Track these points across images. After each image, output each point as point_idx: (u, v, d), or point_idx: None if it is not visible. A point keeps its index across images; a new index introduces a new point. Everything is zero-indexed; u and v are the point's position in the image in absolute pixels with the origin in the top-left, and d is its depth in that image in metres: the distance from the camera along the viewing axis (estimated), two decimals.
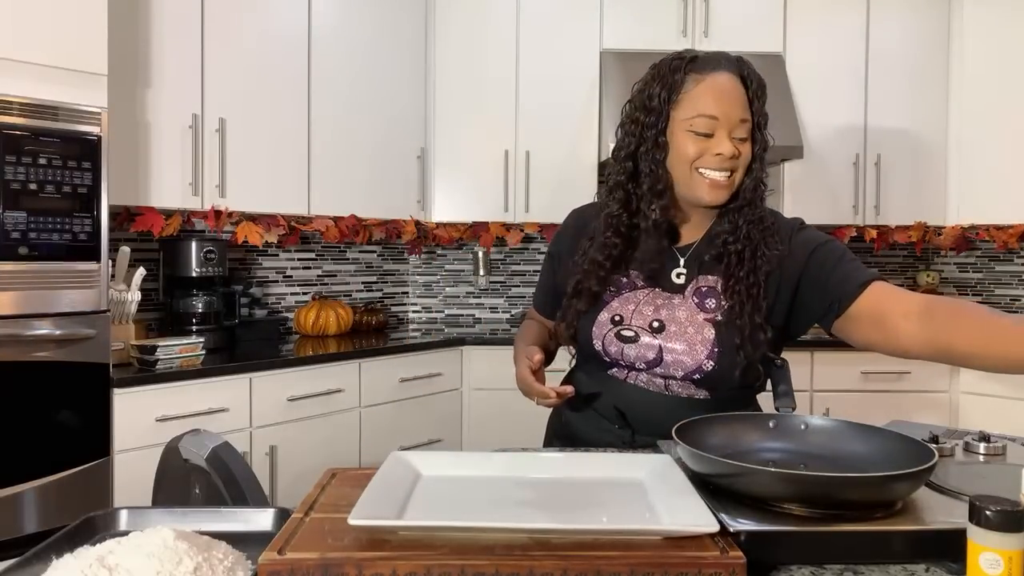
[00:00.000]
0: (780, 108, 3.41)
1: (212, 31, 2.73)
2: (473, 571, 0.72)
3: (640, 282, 1.30)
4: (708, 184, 1.23)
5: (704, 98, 1.21)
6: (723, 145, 1.21)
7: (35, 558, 0.79)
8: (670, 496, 0.88)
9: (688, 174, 1.24)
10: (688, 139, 1.22)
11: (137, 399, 2.27)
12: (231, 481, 1.11)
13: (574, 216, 1.46)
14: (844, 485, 0.83)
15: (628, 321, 1.28)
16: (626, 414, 1.30)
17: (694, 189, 1.24)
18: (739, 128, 1.22)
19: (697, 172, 1.23)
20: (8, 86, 2.03)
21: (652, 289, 1.29)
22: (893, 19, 3.55)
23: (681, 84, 1.24)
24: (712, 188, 1.23)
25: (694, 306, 1.26)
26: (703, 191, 1.23)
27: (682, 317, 1.26)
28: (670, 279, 1.30)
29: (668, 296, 1.28)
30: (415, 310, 3.93)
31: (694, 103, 1.22)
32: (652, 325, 1.26)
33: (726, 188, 1.23)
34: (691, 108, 1.22)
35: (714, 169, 1.22)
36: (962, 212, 3.56)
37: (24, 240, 2.06)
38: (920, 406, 3.21)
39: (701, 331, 1.24)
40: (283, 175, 2.99)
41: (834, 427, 1.05)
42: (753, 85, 1.24)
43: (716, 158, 1.21)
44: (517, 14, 3.48)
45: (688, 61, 1.25)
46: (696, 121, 1.21)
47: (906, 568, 0.78)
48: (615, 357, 1.28)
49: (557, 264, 1.44)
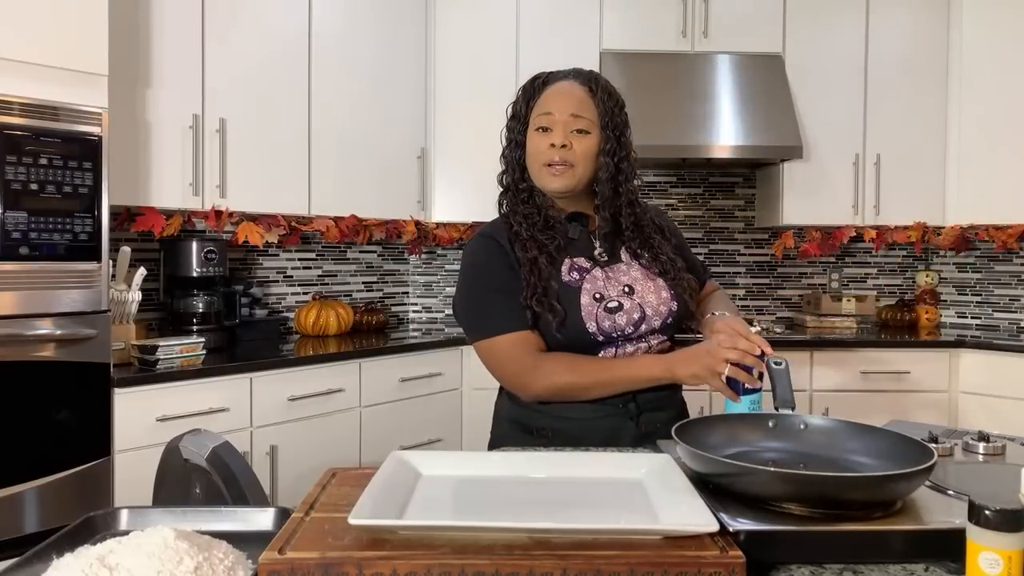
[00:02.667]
0: (780, 108, 3.42)
1: (212, 31, 2.74)
2: (473, 571, 0.72)
3: (586, 263, 1.44)
4: (549, 173, 1.42)
5: (545, 100, 1.44)
6: (555, 136, 1.41)
7: (35, 558, 0.80)
8: (670, 496, 0.88)
9: (536, 168, 1.44)
10: (535, 136, 1.44)
11: (138, 399, 2.27)
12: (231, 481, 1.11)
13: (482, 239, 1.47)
14: (842, 485, 0.83)
15: (607, 295, 1.41)
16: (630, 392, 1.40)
17: (540, 180, 1.45)
18: (573, 123, 1.42)
19: (544, 166, 1.43)
20: (8, 86, 2.03)
21: (599, 267, 1.44)
22: (893, 19, 3.55)
23: (537, 94, 1.47)
24: (551, 176, 1.42)
25: (639, 266, 1.47)
26: (546, 179, 1.43)
27: (639, 276, 1.45)
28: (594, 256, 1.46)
29: (617, 266, 1.46)
30: (415, 310, 3.93)
31: (539, 106, 1.45)
32: (624, 290, 1.42)
33: (563, 177, 1.42)
34: (536, 111, 1.45)
35: (551, 159, 1.41)
36: (961, 212, 3.56)
37: (25, 240, 2.06)
38: (920, 406, 3.21)
39: (655, 282, 1.45)
40: (283, 175, 2.99)
41: (833, 427, 1.06)
42: (599, 92, 1.44)
43: (551, 149, 1.41)
44: (517, 14, 3.48)
45: (545, 76, 1.48)
46: (538, 119, 1.44)
47: (906, 568, 0.78)
48: (608, 331, 1.39)
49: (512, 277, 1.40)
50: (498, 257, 1.43)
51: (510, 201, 1.49)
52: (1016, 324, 3.70)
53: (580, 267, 1.43)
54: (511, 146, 1.49)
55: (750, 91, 3.45)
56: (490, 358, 1.41)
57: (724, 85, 3.47)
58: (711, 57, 3.51)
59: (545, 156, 1.42)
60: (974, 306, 3.83)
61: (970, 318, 3.83)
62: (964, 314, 3.85)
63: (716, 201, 3.93)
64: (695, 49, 3.51)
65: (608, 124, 1.43)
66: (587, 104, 1.43)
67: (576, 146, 1.41)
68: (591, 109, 1.43)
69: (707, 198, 3.93)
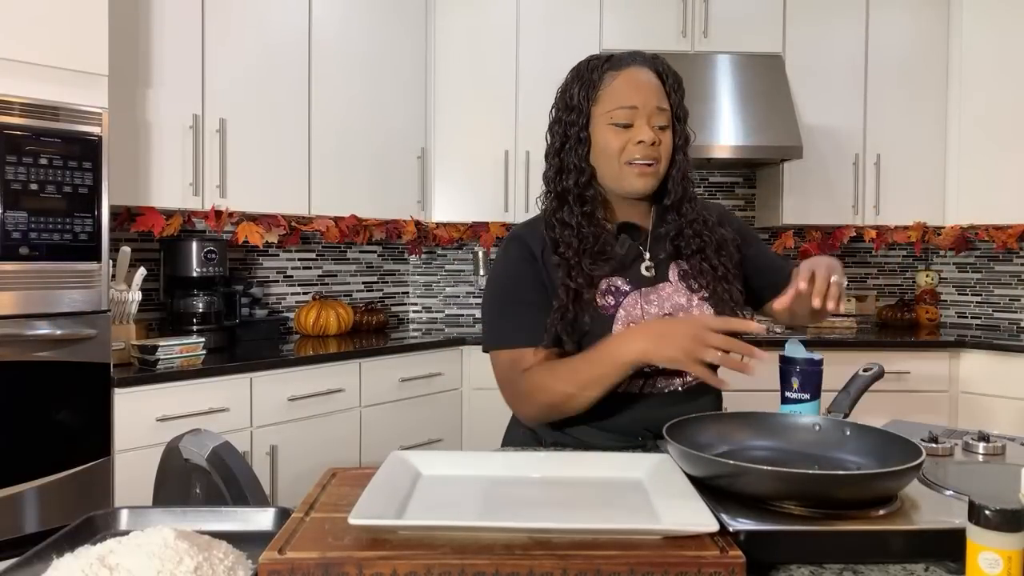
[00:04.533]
0: (780, 108, 3.42)
1: (212, 31, 2.74)
2: (473, 571, 0.72)
3: (625, 286, 1.30)
4: (636, 172, 1.28)
5: (622, 91, 1.28)
6: (643, 132, 1.26)
7: (35, 558, 0.80)
8: (670, 495, 0.88)
9: (617, 167, 1.29)
10: (610, 132, 1.28)
11: (138, 399, 2.27)
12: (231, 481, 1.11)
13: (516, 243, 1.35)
14: (831, 483, 0.83)
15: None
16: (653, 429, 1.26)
17: (622, 180, 1.29)
18: (657, 116, 1.28)
19: (626, 165, 1.28)
20: (8, 86, 2.03)
21: (639, 288, 1.30)
22: (893, 19, 3.55)
23: (600, 81, 1.29)
24: (640, 176, 1.28)
25: (684, 290, 1.32)
26: (631, 180, 1.28)
27: (682, 302, 1.31)
28: (640, 273, 1.32)
29: (660, 287, 1.31)
30: (415, 310, 3.93)
31: (612, 97, 1.28)
32: (663, 318, 1.28)
33: (652, 176, 1.29)
34: (610, 102, 1.28)
35: (639, 157, 1.27)
36: (961, 212, 3.56)
37: (25, 240, 2.06)
38: (920, 406, 3.20)
39: (701, 309, 1.30)
40: (283, 175, 2.99)
41: (829, 426, 1.06)
42: (669, 79, 1.31)
43: (639, 146, 1.27)
44: (517, 14, 3.48)
45: (605, 60, 1.31)
46: (616, 113, 1.27)
47: (906, 568, 0.78)
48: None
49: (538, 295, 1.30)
50: (523, 265, 1.31)
51: (567, 209, 1.30)
52: (1016, 324, 3.70)
53: (617, 289, 1.29)
54: (572, 142, 1.30)
55: (750, 91, 3.45)
56: (494, 373, 1.32)
57: (724, 85, 3.47)
58: (711, 57, 3.51)
59: (630, 153, 1.27)
60: (974, 306, 3.83)
61: (970, 318, 3.83)
62: (964, 314, 3.85)
63: (716, 201, 3.93)
64: (695, 49, 3.51)
65: (681, 116, 1.32)
66: (663, 94, 1.30)
67: (663, 141, 1.29)
68: (666, 100, 1.30)
69: (707, 198, 3.92)
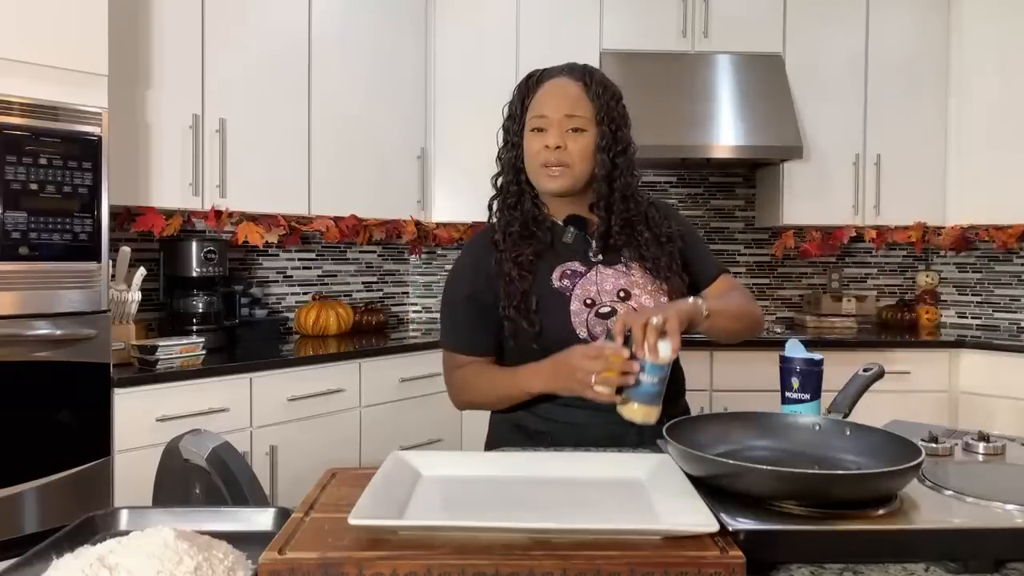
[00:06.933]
0: (780, 108, 3.42)
1: (212, 31, 2.74)
2: (473, 571, 0.72)
3: (581, 268, 1.41)
4: (546, 174, 1.40)
5: (540, 100, 1.41)
6: (549, 137, 1.38)
7: (35, 558, 0.79)
8: (670, 496, 0.88)
9: (535, 169, 1.41)
10: (530, 137, 1.41)
11: (137, 399, 2.27)
12: (231, 481, 1.11)
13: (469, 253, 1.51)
14: (831, 483, 0.83)
15: (599, 299, 1.37)
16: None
17: (539, 181, 1.42)
18: (567, 122, 1.38)
19: (541, 167, 1.40)
20: (8, 86, 2.03)
21: (593, 267, 1.41)
22: (893, 19, 3.55)
23: (531, 93, 1.43)
24: (549, 177, 1.39)
25: (639, 268, 1.42)
26: (544, 181, 1.41)
27: (639, 279, 1.41)
28: (590, 259, 1.42)
29: (615, 269, 1.42)
30: (415, 310, 3.93)
31: (534, 106, 1.42)
32: (619, 295, 1.39)
33: (561, 177, 1.39)
34: (532, 110, 1.42)
35: (545, 160, 1.39)
36: (961, 212, 3.56)
37: (24, 240, 2.06)
38: (920, 406, 3.20)
39: (655, 285, 1.41)
40: (283, 175, 2.99)
41: (829, 426, 1.06)
42: (593, 86, 1.41)
43: (545, 149, 1.39)
44: (517, 14, 3.48)
45: (540, 73, 1.45)
46: (532, 120, 1.41)
47: (905, 568, 0.78)
48: (600, 337, 1.34)
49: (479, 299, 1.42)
50: (467, 268, 1.47)
51: (499, 204, 1.46)
52: (1016, 324, 3.70)
53: (573, 272, 1.40)
54: (507, 147, 1.46)
55: (750, 91, 3.45)
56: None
57: (724, 85, 3.47)
58: (711, 57, 3.51)
59: (541, 157, 1.39)
60: (974, 306, 3.83)
61: (970, 318, 3.83)
62: (964, 314, 3.85)
63: (716, 201, 3.93)
64: (695, 49, 3.51)
65: (604, 119, 1.40)
66: (582, 101, 1.40)
67: (571, 146, 1.38)
68: (586, 106, 1.39)
69: (707, 198, 3.93)
